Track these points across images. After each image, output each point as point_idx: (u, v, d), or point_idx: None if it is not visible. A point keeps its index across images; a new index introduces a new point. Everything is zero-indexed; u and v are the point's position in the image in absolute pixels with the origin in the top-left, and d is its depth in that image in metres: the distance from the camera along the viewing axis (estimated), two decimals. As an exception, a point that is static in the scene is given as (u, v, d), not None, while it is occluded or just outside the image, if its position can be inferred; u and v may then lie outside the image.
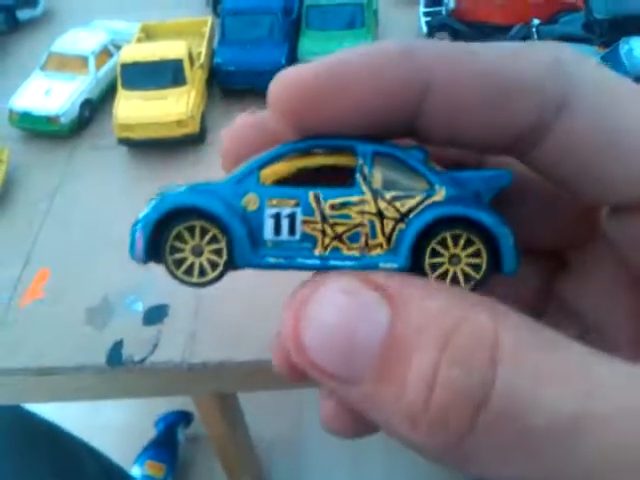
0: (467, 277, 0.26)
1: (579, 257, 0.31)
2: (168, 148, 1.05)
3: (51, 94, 1.10)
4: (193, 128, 1.02)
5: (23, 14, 1.41)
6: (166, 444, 1.69)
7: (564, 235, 0.30)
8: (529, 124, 0.24)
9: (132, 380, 0.83)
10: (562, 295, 0.31)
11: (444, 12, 1.18)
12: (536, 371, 0.19)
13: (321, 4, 1.12)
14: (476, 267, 0.26)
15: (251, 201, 0.26)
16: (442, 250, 0.26)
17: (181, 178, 0.99)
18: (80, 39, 1.17)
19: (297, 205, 0.26)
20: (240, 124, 0.30)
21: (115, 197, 1.01)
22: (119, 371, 0.80)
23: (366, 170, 0.26)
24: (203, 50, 1.11)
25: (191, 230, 0.26)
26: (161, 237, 0.26)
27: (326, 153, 0.27)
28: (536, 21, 1.12)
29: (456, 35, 1.17)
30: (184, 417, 1.74)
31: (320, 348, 0.22)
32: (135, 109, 1.01)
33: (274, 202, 0.26)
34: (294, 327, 0.23)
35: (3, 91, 1.16)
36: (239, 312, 0.80)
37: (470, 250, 0.26)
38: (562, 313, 0.31)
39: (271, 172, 0.27)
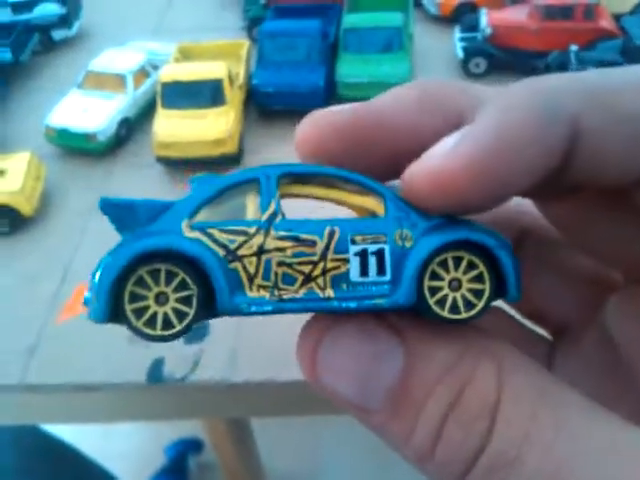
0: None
1: (573, 337, 0.31)
2: (205, 167, 1.05)
3: (89, 112, 1.10)
4: (231, 147, 1.02)
5: (58, 34, 1.43)
6: (176, 472, 1.66)
7: (569, 313, 0.31)
8: None
9: (171, 400, 0.82)
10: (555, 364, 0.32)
11: (480, 37, 1.18)
12: (524, 438, 0.21)
13: (358, 27, 1.13)
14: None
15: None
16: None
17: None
18: (117, 58, 1.18)
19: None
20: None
21: (152, 215, 1.01)
22: (159, 389, 0.79)
23: None
24: (241, 71, 1.12)
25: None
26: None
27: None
28: (574, 47, 1.12)
29: (492, 61, 1.17)
30: (194, 445, 1.71)
31: (338, 384, 0.23)
32: (174, 128, 1.01)
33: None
34: (311, 366, 0.24)
35: (39, 109, 1.17)
36: (282, 330, 0.79)
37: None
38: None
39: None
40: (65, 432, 1.13)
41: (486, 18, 1.21)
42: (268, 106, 1.12)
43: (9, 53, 1.36)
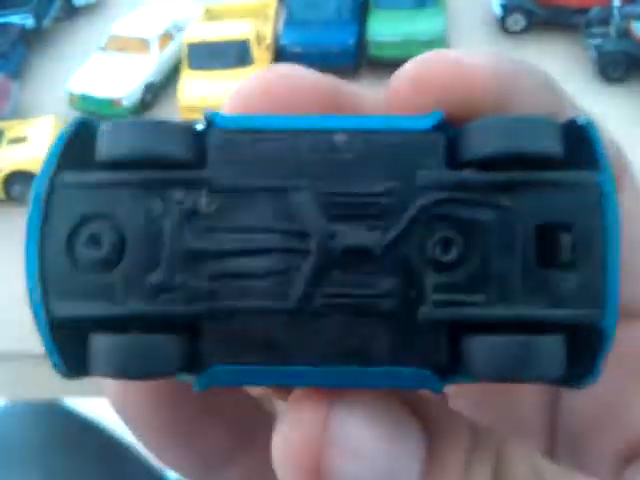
0: None
1: None
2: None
3: (113, 77, 1.07)
4: (260, 110, 0.99)
5: (79, 0, 1.40)
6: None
7: None
8: None
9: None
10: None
11: (518, -7, 1.13)
12: None
13: (391, -17, 1.08)
14: None
15: None
16: None
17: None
18: (142, 21, 1.15)
19: None
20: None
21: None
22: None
23: None
24: (269, 31, 1.08)
25: None
26: None
27: None
28: (617, 2, 1.07)
29: (531, 17, 1.12)
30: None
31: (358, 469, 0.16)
32: (200, 90, 0.98)
33: None
34: (313, 444, 0.16)
35: (62, 75, 1.15)
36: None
37: None
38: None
39: None
40: (90, 408, 1.12)
41: (524, -27, 1.15)
42: (297, 67, 1.08)
43: (31, 19, 1.33)
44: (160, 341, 0.15)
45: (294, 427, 0.16)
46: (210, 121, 0.16)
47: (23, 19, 1.30)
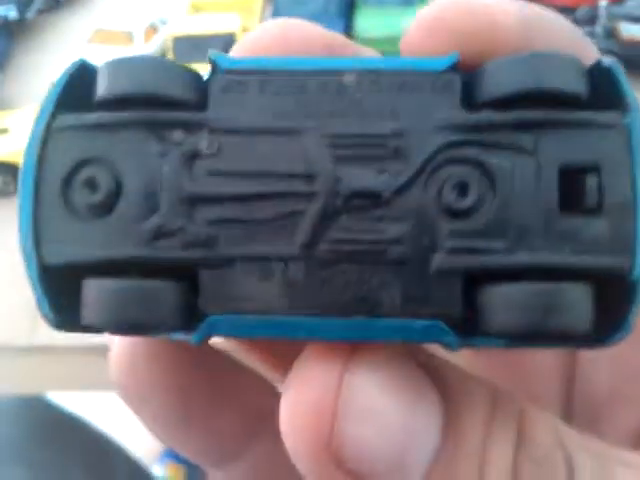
0: None
1: None
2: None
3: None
4: (245, 104, 0.98)
5: (64, -8, 1.39)
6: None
7: None
8: None
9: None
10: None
11: (505, -8, 1.13)
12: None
13: (378, -22, 1.08)
14: None
15: None
16: None
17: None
18: (126, 14, 1.14)
19: None
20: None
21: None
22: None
23: None
24: (254, 25, 1.08)
25: None
26: None
27: None
28: (604, 2, 1.07)
29: (517, 16, 1.12)
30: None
31: (371, 436, 0.15)
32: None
33: None
34: (328, 404, 0.15)
35: (45, 67, 1.13)
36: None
37: None
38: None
39: None
40: (75, 402, 1.11)
41: (512, -29, 1.16)
42: (283, 62, 1.08)
43: (14, 11, 1.31)
44: (157, 287, 0.15)
45: (304, 390, 0.15)
46: (214, 63, 0.15)
47: (6, 10, 1.28)
